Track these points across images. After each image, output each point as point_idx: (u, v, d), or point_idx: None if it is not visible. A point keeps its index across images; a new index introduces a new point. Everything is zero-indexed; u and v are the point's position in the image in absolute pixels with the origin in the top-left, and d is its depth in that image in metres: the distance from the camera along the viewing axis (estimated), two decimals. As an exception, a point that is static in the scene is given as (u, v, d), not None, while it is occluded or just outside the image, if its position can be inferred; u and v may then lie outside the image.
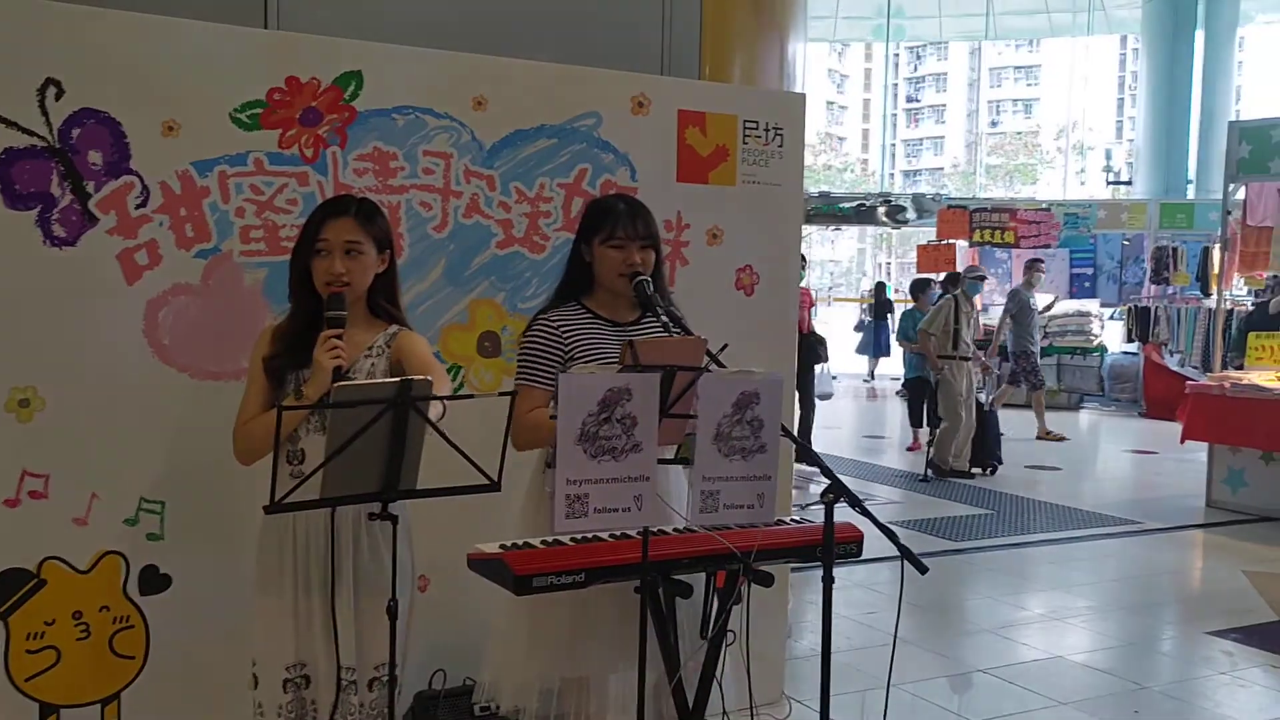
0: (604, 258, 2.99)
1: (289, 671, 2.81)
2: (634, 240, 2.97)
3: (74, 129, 3.14)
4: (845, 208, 19.19)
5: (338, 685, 2.79)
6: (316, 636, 2.79)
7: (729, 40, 4.98)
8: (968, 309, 10.21)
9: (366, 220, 2.87)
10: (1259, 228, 10.43)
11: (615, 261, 2.98)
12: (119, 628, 3.28)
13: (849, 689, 4.52)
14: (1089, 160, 48.48)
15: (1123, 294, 16.49)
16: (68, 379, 3.18)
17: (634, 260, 2.96)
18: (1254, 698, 4.72)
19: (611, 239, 2.97)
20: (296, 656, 2.81)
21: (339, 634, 2.77)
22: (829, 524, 2.55)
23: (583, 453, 2.34)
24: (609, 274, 2.99)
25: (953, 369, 10.00)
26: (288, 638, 2.80)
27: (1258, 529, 8.11)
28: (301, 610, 2.79)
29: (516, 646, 2.94)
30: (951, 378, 10.01)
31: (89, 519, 3.22)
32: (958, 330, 10.03)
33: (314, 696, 2.83)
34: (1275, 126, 9.25)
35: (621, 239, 2.97)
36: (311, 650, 2.81)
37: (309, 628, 2.80)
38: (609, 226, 2.98)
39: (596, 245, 3.00)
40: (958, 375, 10.01)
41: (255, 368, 2.87)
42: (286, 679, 2.81)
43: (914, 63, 70.96)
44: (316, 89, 3.44)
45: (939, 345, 10.13)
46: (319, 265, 2.82)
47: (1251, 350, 9.40)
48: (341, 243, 2.81)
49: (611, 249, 2.98)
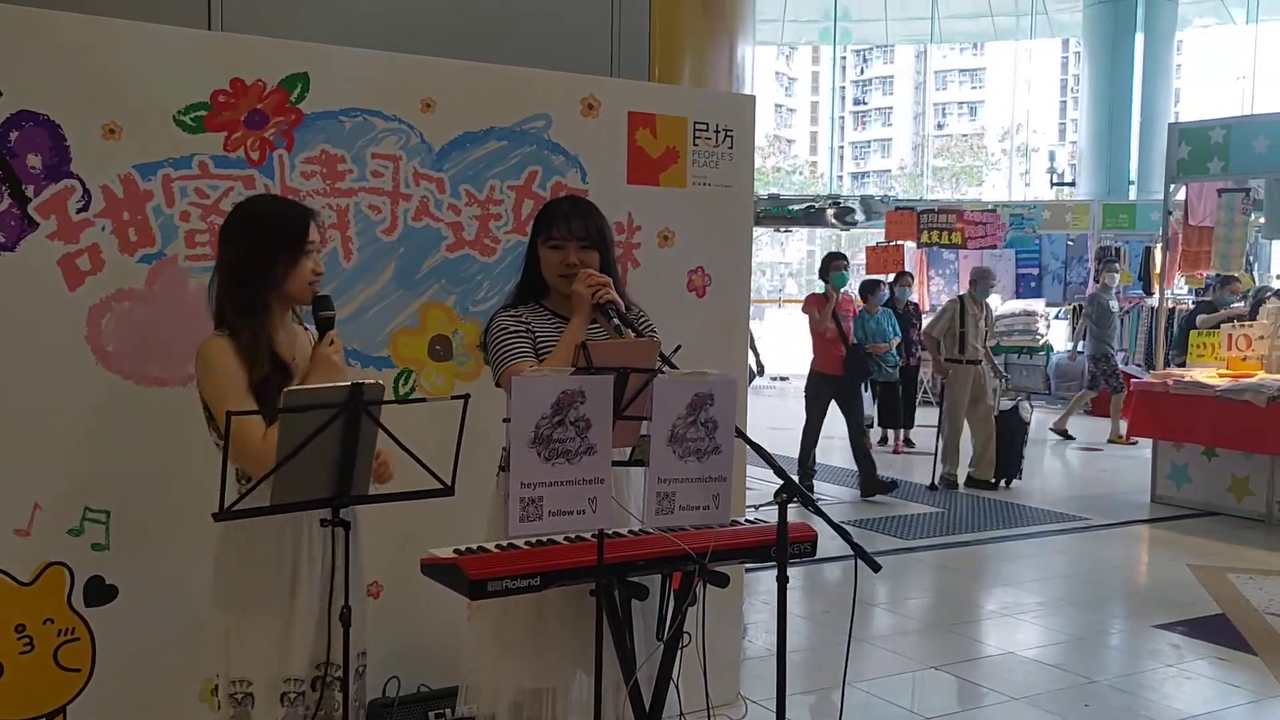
0: (545, 258, 3.03)
1: (287, 685, 2.75)
2: (570, 240, 2.98)
3: (11, 131, 3.08)
4: (794, 210, 19.27)
5: (281, 698, 2.75)
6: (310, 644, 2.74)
7: (678, 42, 4.99)
8: (975, 311, 9.65)
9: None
10: (1199, 227, 10.64)
11: (554, 262, 3.00)
12: (64, 640, 3.21)
13: (805, 688, 4.53)
14: (1033, 162, 49.12)
15: (1068, 293, 16.72)
16: (8, 387, 3.11)
17: (571, 261, 2.97)
18: (1201, 689, 4.79)
19: (550, 239, 3.00)
20: (293, 671, 2.74)
21: (299, 640, 2.73)
22: (783, 524, 2.56)
23: (536, 455, 2.33)
24: (550, 274, 3.02)
25: (958, 374, 9.53)
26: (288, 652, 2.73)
27: (1201, 523, 8.24)
28: (286, 621, 2.74)
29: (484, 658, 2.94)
30: (956, 383, 9.54)
31: (31, 529, 3.15)
32: (964, 334, 9.53)
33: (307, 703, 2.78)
34: (1213, 128, 9.41)
35: (558, 239, 2.99)
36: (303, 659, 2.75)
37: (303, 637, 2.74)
38: (548, 227, 3.02)
39: (540, 246, 3.03)
40: (963, 381, 9.52)
41: (237, 389, 2.65)
42: (284, 693, 2.75)
43: (861, 66, 71.55)
44: (262, 91, 3.40)
45: (945, 349, 9.67)
46: (307, 265, 2.77)
47: (1193, 348, 9.57)
48: (316, 244, 2.82)
49: (550, 249, 3.01)
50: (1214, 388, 8.34)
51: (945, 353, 9.64)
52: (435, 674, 3.60)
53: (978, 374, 9.56)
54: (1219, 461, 8.57)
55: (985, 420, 9.54)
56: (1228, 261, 10.46)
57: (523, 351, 2.95)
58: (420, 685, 3.60)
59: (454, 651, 3.34)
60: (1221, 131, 9.29)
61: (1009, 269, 17.27)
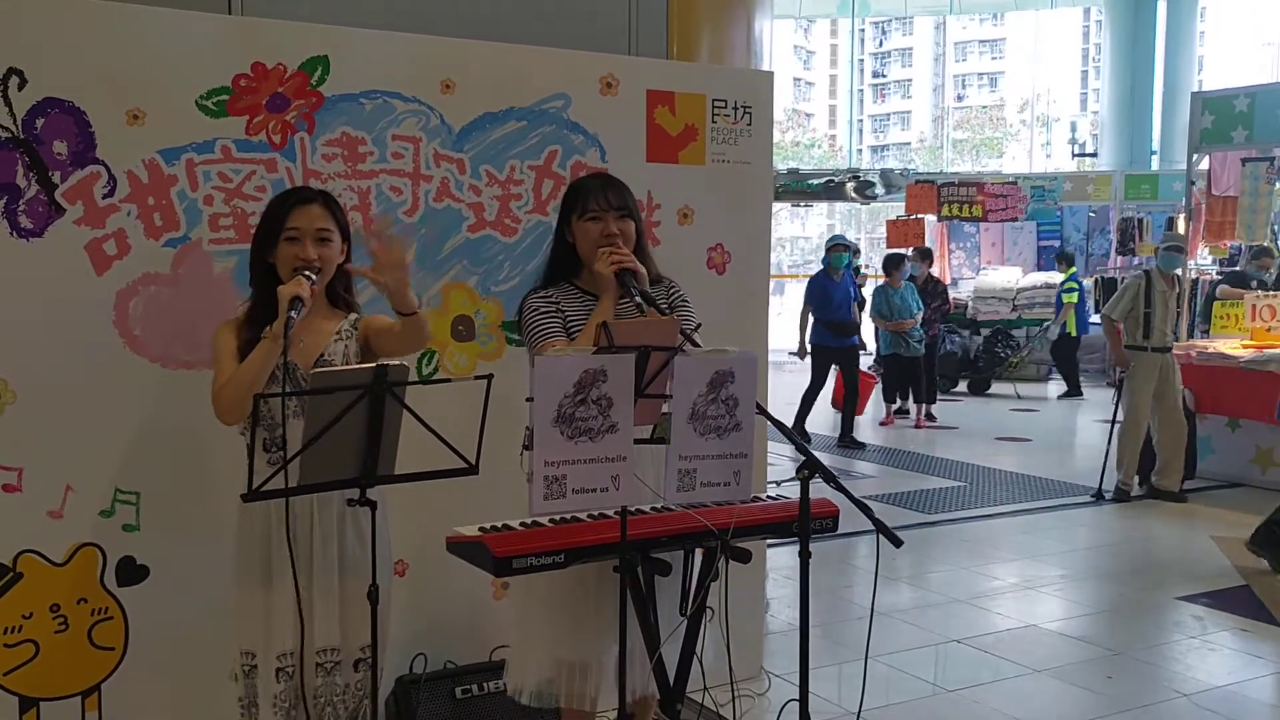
0: (583, 232, 3.04)
1: (280, 660, 2.82)
2: (609, 210, 3.02)
3: (38, 119, 3.11)
4: (814, 184, 19.23)
5: (314, 668, 2.80)
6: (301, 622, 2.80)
7: (696, 19, 4.97)
8: (1163, 288, 8.07)
9: (333, 209, 2.93)
10: (1223, 197, 10.55)
11: (593, 233, 3.02)
12: (97, 619, 3.27)
13: (827, 662, 4.56)
14: (1054, 133, 48.69)
15: (1089, 265, 16.62)
16: (39, 372, 3.15)
17: (611, 230, 3.01)
18: (1224, 661, 4.80)
19: (587, 212, 3.03)
20: (287, 645, 2.81)
21: (321, 617, 2.79)
22: (805, 500, 2.58)
23: (560, 434, 2.35)
24: (589, 247, 3.03)
25: (1140, 364, 8.04)
26: (277, 626, 2.80)
27: (1225, 495, 8.22)
28: (290, 598, 2.79)
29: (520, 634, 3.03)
30: (1138, 375, 8.05)
31: (64, 511, 3.20)
32: (1149, 314, 8.01)
33: (296, 683, 2.84)
34: (1237, 96, 9.33)
35: (595, 210, 3.03)
36: (297, 636, 2.81)
37: (296, 615, 2.79)
38: (583, 201, 3.04)
39: (575, 222, 3.06)
40: (1147, 372, 8.03)
41: (225, 350, 2.84)
42: (279, 668, 2.82)
43: (879, 38, 70.94)
44: (283, 74, 3.42)
45: (1128, 334, 8.16)
46: (289, 251, 2.82)
47: (1217, 319, 9.51)
48: (313, 230, 2.85)
49: (588, 222, 3.03)
50: (1238, 359, 8.30)
51: (1127, 339, 8.18)
52: (461, 650, 3.64)
53: (1165, 364, 8.08)
54: (1243, 433, 8.54)
55: (1172, 418, 8.12)
56: (1253, 231, 10.37)
57: (553, 330, 2.98)
58: (446, 661, 3.64)
59: (480, 628, 3.39)
60: (1246, 100, 9.21)
61: (1030, 241, 17.20)
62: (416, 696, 3.55)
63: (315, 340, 2.88)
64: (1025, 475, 8.97)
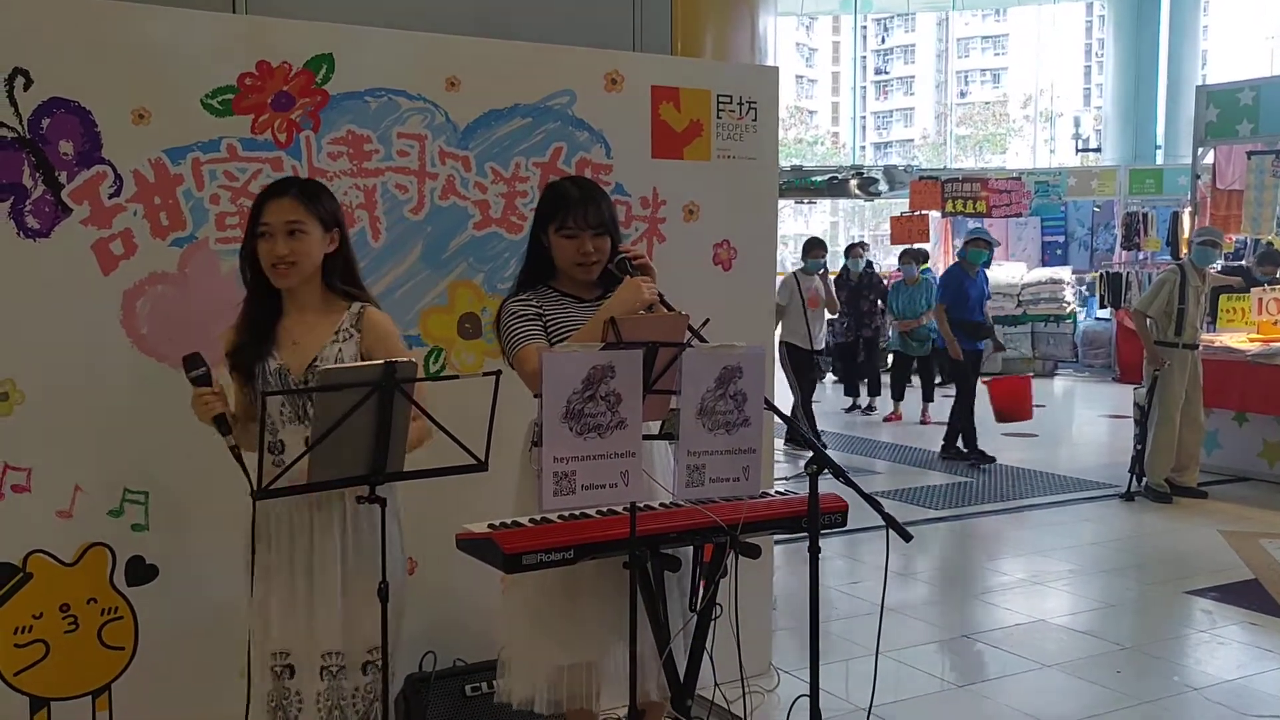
0: (559, 246, 3.01)
1: (274, 659, 2.81)
2: (586, 229, 2.97)
3: (44, 119, 3.11)
4: (818, 181, 19.20)
5: (320, 673, 2.78)
6: (300, 623, 2.78)
7: (699, 15, 4.96)
8: (1197, 283, 7.78)
9: (309, 199, 2.80)
10: (1228, 191, 10.52)
11: (570, 251, 2.99)
12: (107, 619, 3.27)
13: (836, 658, 4.56)
14: (1058, 128, 48.60)
15: (1094, 260, 16.59)
16: (47, 372, 3.16)
17: (587, 249, 2.97)
18: (1233, 654, 4.79)
19: (564, 228, 2.98)
20: (281, 645, 2.80)
21: (324, 619, 2.77)
22: (814, 495, 2.57)
23: (568, 430, 2.35)
24: (565, 262, 3.01)
25: (1175, 363, 7.72)
26: (273, 625, 2.79)
27: (1232, 489, 8.20)
28: (286, 597, 2.78)
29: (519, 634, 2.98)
30: (1172, 372, 7.73)
31: (73, 511, 3.21)
32: (1183, 311, 7.72)
33: (298, 686, 2.81)
34: (1242, 90, 9.32)
35: (573, 228, 2.97)
36: (296, 638, 2.79)
37: (294, 615, 2.78)
38: (561, 215, 2.98)
39: (552, 233, 3.01)
40: (1180, 371, 7.73)
41: None
42: (272, 666, 2.81)
43: (881, 35, 70.84)
44: (288, 73, 3.41)
45: (1160, 330, 7.81)
46: (262, 248, 2.77)
47: (1222, 313, 9.49)
48: (283, 224, 2.75)
49: (565, 238, 2.99)
50: (1244, 352, 8.28)
51: (1157, 334, 7.83)
52: (471, 648, 3.64)
53: (1194, 360, 7.86)
54: (1250, 427, 8.51)
55: (1195, 415, 7.92)
56: (1259, 225, 10.35)
57: (533, 333, 2.94)
58: (456, 659, 3.64)
59: (489, 626, 3.38)
60: (1250, 93, 9.20)
61: (1034, 237, 17.18)
62: (427, 695, 3.55)
63: (311, 340, 2.81)
64: (1032, 470, 8.94)
